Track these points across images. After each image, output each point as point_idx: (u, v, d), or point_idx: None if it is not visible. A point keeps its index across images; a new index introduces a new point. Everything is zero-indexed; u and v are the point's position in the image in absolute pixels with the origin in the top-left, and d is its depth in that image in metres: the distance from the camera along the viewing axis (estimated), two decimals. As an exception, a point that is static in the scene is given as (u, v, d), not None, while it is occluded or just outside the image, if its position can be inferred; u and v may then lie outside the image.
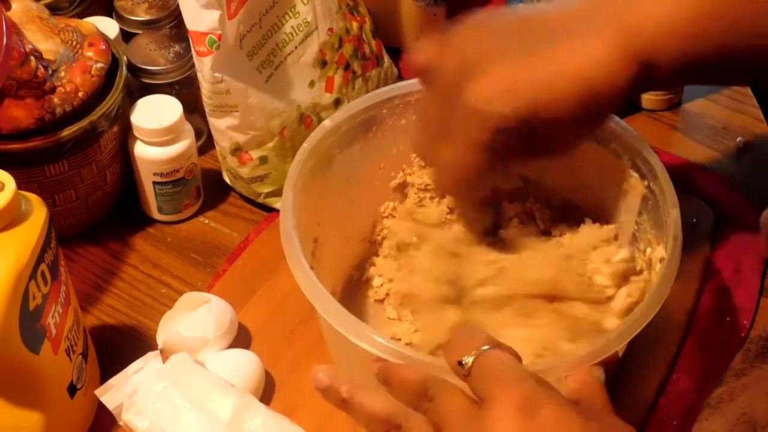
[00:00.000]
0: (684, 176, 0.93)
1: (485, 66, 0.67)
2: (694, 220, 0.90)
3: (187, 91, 0.95)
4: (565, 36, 0.67)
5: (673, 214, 0.73)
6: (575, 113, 0.67)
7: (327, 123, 0.79)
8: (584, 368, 0.64)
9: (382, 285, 0.84)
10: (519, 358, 0.62)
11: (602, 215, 0.82)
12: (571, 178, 0.83)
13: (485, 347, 0.59)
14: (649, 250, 0.76)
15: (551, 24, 0.69)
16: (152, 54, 0.95)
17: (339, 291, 0.83)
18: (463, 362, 0.59)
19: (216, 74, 0.85)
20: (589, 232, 0.80)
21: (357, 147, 0.82)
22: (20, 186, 0.68)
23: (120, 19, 1.00)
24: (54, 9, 0.94)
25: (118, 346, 0.84)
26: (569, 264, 0.76)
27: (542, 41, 0.67)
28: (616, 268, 0.76)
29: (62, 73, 0.84)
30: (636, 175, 0.77)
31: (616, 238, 0.80)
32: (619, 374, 0.78)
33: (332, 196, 0.82)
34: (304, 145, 0.78)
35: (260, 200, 0.94)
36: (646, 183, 0.76)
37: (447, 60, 0.70)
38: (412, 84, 0.83)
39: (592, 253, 0.78)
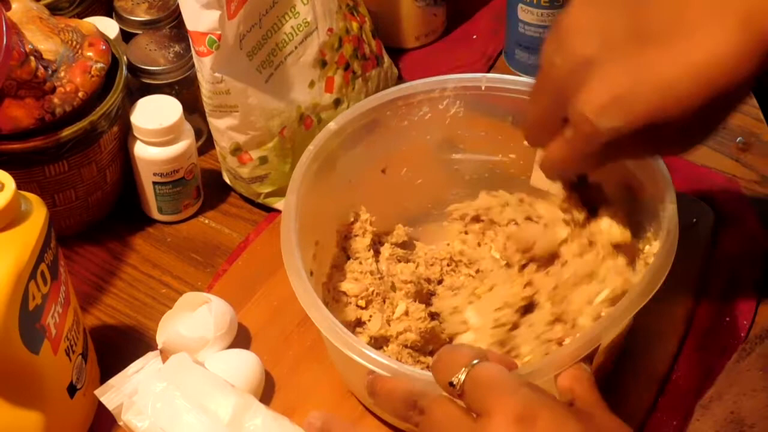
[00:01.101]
0: (684, 176, 0.93)
1: (597, 64, 0.62)
2: (694, 220, 0.90)
3: (187, 91, 0.95)
4: (682, 25, 0.59)
5: (669, 209, 0.73)
6: (700, 113, 0.60)
7: (332, 125, 0.80)
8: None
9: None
10: (512, 365, 0.61)
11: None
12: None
13: (474, 362, 0.59)
14: (647, 247, 0.76)
15: (667, 6, 0.61)
16: (152, 54, 0.95)
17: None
18: (454, 381, 0.58)
19: (216, 74, 0.85)
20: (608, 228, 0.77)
21: (360, 149, 0.82)
22: (20, 186, 0.68)
23: (120, 19, 1.00)
24: (54, 9, 0.94)
25: (118, 346, 0.84)
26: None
27: (658, 29, 0.60)
28: (599, 309, 0.73)
29: (62, 73, 0.84)
30: (635, 172, 0.77)
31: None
32: (619, 374, 0.78)
33: (334, 198, 0.82)
34: (310, 147, 0.78)
35: (260, 200, 0.94)
36: (642, 180, 0.77)
37: (556, 50, 0.65)
38: (415, 86, 0.83)
39: (573, 293, 0.74)
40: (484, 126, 0.85)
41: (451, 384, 0.59)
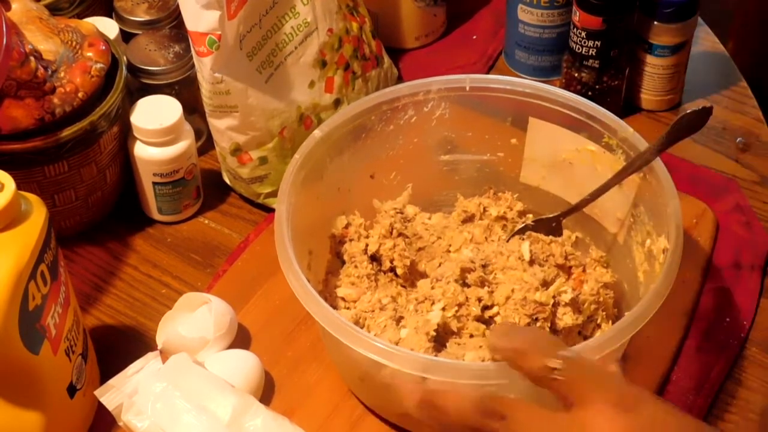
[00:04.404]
0: (684, 176, 0.93)
1: None
2: (694, 220, 0.90)
3: (187, 91, 0.95)
4: None
5: (672, 204, 0.73)
6: None
7: (317, 132, 0.80)
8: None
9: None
10: None
11: (596, 210, 0.82)
12: (561, 175, 0.83)
13: (568, 352, 0.59)
14: (648, 241, 0.76)
15: None
16: (152, 54, 0.95)
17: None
18: (552, 366, 0.58)
19: (216, 75, 0.85)
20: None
21: (347, 155, 0.82)
22: (20, 186, 0.68)
23: (120, 19, 1.00)
24: (54, 9, 0.94)
25: (118, 347, 0.84)
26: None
27: None
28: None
29: (62, 74, 0.84)
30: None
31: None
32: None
33: (324, 205, 0.82)
34: (296, 156, 0.78)
35: (260, 201, 0.94)
36: (641, 174, 0.77)
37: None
38: (399, 89, 0.83)
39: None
40: (470, 126, 0.86)
41: (547, 368, 0.58)
